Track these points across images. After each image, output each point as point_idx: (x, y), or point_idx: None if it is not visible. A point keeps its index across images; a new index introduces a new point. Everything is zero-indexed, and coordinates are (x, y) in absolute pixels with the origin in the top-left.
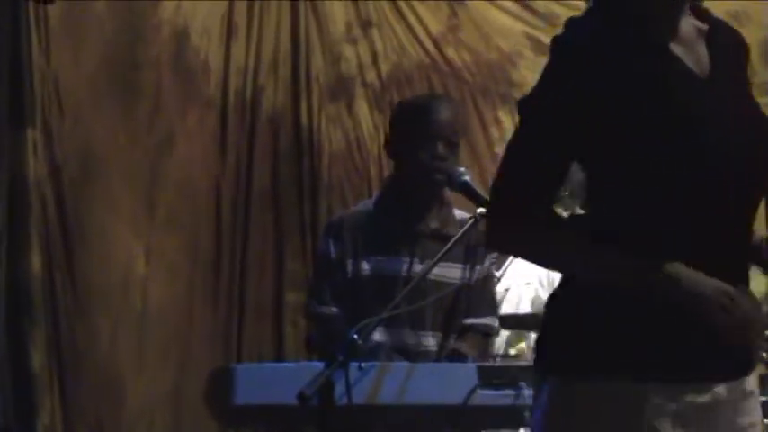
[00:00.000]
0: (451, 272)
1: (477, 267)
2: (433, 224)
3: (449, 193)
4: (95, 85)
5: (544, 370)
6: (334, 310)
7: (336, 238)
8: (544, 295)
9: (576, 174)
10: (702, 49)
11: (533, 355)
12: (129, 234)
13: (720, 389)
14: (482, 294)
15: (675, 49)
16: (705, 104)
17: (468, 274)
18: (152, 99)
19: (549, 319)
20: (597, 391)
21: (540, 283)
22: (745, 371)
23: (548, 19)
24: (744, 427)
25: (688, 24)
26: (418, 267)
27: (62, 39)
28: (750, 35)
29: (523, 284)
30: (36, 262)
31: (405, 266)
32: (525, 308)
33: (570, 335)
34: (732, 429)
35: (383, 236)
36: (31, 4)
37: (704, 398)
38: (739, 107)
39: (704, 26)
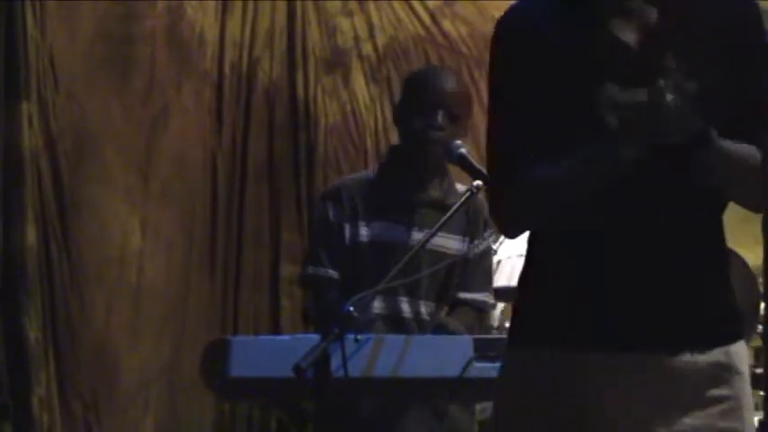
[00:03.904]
0: (450, 243)
1: (476, 241)
2: (435, 194)
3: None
4: (90, 59)
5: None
6: (331, 272)
7: (335, 203)
8: None
9: None
10: (644, 16)
11: None
12: (124, 208)
13: (671, 359)
14: (479, 269)
15: (608, 18)
16: (621, 68)
17: (466, 247)
18: (147, 72)
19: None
20: (536, 361)
21: None
22: (703, 343)
23: None
24: (717, 399)
25: None
26: (416, 235)
27: (57, 12)
28: None
29: (515, 256)
30: (31, 234)
31: (403, 234)
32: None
33: (518, 308)
34: (700, 401)
35: (383, 203)
36: None
37: (649, 367)
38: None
39: None
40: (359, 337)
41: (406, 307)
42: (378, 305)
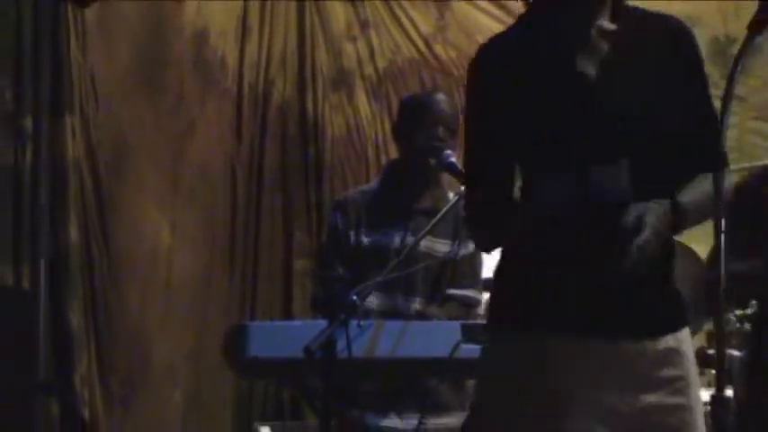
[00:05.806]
0: (440, 246)
1: (465, 244)
2: (427, 202)
3: (445, 176)
4: (126, 78)
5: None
6: (340, 271)
7: (343, 213)
8: None
9: None
10: (601, 50)
11: None
12: (155, 210)
13: (629, 345)
14: (468, 268)
15: (572, 53)
16: (587, 98)
17: (455, 249)
18: (175, 91)
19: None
20: (508, 346)
21: None
22: (656, 331)
23: None
24: (666, 380)
25: (592, 28)
26: (410, 240)
27: (96, 37)
28: (699, 36)
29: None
30: (74, 234)
31: (399, 239)
32: None
33: (493, 298)
34: (652, 382)
35: (382, 212)
36: (70, 7)
37: (607, 352)
38: (627, 95)
39: (612, 27)
40: (361, 322)
41: (401, 303)
42: (377, 301)
